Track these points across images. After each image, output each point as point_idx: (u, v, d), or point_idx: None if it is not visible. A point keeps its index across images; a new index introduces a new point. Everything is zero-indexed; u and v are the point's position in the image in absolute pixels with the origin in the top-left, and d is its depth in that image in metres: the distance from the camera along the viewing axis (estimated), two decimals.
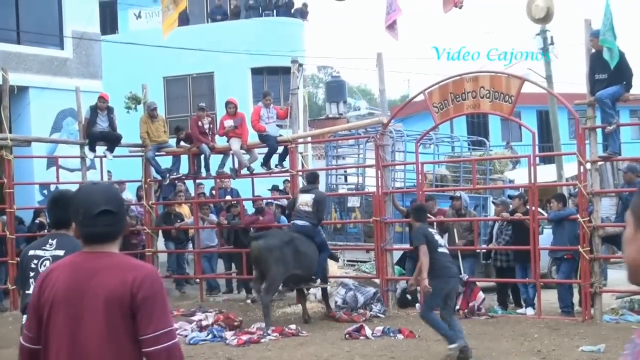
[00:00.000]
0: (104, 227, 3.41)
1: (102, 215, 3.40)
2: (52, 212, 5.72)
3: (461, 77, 13.84)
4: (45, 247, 5.49)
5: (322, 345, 11.25)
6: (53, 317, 3.32)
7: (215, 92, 25.30)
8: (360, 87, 59.13)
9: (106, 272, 3.34)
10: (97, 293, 3.29)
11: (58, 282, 3.36)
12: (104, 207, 3.41)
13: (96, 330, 3.28)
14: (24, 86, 17.94)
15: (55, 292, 3.33)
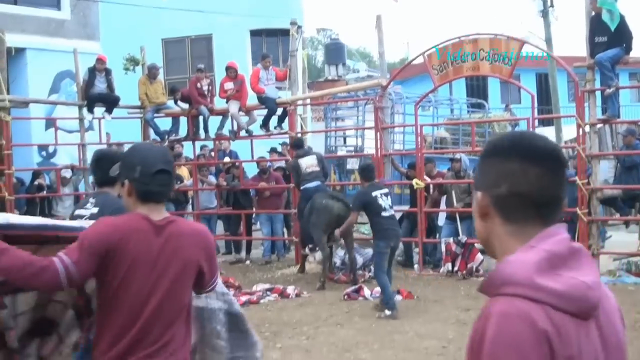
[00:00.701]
0: (159, 187, 3.55)
1: (159, 174, 3.53)
2: (96, 170, 5.68)
3: (460, 39, 13.79)
4: (86, 206, 5.53)
5: (321, 306, 11.33)
6: (131, 275, 3.42)
7: (213, 54, 25.17)
8: (359, 50, 58.88)
9: (184, 237, 3.56)
10: (178, 256, 3.51)
11: (140, 244, 3.45)
12: (161, 166, 3.54)
13: (178, 288, 3.52)
14: (22, 47, 17.86)
15: (137, 253, 3.43)
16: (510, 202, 1.89)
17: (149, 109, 16.82)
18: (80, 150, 16.78)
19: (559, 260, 1.79)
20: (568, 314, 1.74)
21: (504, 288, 1.78)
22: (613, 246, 14.36)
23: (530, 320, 1.71)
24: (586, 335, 1.78)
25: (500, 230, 1.92)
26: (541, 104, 28.64)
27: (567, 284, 1.75)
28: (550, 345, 1.70)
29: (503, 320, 1.74)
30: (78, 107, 16.70)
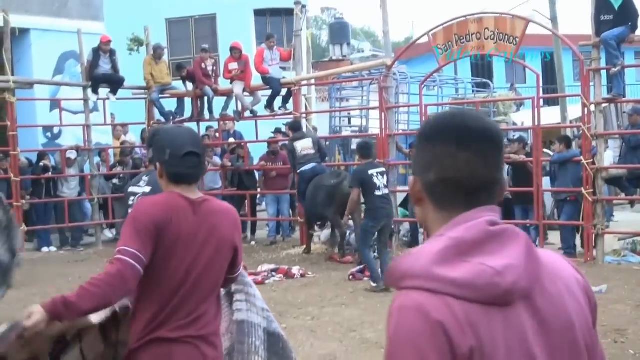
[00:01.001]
0: (189, 169, 3.67)
1: (188, 157, 3.64)
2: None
3: (466, 18, 13.72)
4: (139, 184, 5.78)
5: (326, 286, 11.37)
6: (172, 251, 3.54)
7: (217, 34, 25.08)
8: (364, 29, 58.73)
9: (218, 215, 3.71)
10: (214, 233, 3.65)
11: (182, 221, 3.57)
12: (189, 149, 3.66)
13: (214, 265, 3.67)
14: (26, 28, 17.82)
15: (179, 230, 3.54)
16: (439, 189, 1.82)
17: (154, 90, 16.81)
18: (85, 131, 16.79)
19: (468, 247, 1.70)
20: (475, 302, 1.66)
21: (403, 281, 1.72)
22: (618, 226, 14.35)
23: (424, 312, 1.64)
24: (504, 322, 1.68)
25: (433, 217, 1.86)
26: (546, 83, 28.50)
27: (470, 272, 1.66)
28: (448, 336, 1.62)
29: (399, 315, 1.69)
30: (82, 88, 16.71)
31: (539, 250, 1.82)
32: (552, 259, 1.88)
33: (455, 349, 1.63)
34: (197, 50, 21.51)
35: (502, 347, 1.66)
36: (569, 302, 1.80)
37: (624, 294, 10.17)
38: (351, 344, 8.08)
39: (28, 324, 3.23)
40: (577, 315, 1.80)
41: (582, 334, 1.80)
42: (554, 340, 1.74)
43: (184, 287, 3.56)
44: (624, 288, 10.56)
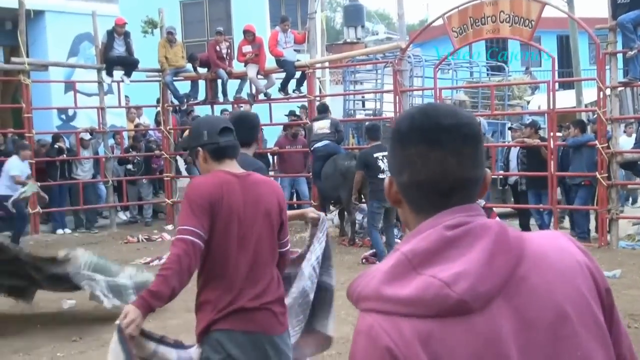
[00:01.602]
0: (227, 142, 3.96)
1: (224, 132, 3.96)
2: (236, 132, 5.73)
3: (481, 1, 13.65)
4: None
5: (338, 269, 11.27)
6: (229, 224, 3.82)
7: (232, 17, 25.03)
8: (378, 12, 58.44)
9: (262, 186, 4.01)
10: (261, 203, 3.93)
11: (232, 194, 3.85)
12: (224, 125, 4.00)
13: (268, 232, 3.97)
14: (40, 10, 17.85)
15: (231, 203, 3.82)
16: (413, 191, 1.74)
17: (168, 72, 16.81)
18: (100, 114, 16.82)
19: (421, 259, 1.62)
20: (427, 317, 1.59)
21: (359, 303, 1.68)
22: (632, 210, 14.29)
23: (372, 338, 1.59)
24: (467, 331, 1.59)
25: (412, 219, 1.78)
26: (562, 66, 28.35)
27: (418, 287, 1.59)
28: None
29: (354, 341, 1.66)
30: (97, 70, 16.73)
31: (530, 237, 1.74)
32: (546, 245, 1.76)
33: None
34: (211, 33, 21.51)
35: (464, 357, 1.59)
36: (562, 292, 1.70)
37: (638, 279, 10.15)
38: None
39: (127, 321, 3.52)
40: (572, 304, 1.70)
41: (583, 321, 1.70)
42: (538, 336, 1.66)
43: (248, 257, 3.87)
44: (638, 273, 10.54)
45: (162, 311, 9.01)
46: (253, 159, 5.75)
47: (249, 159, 5.62)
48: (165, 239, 15.03)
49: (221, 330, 3.84)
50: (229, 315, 3.84)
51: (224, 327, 3.84)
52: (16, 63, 15.67)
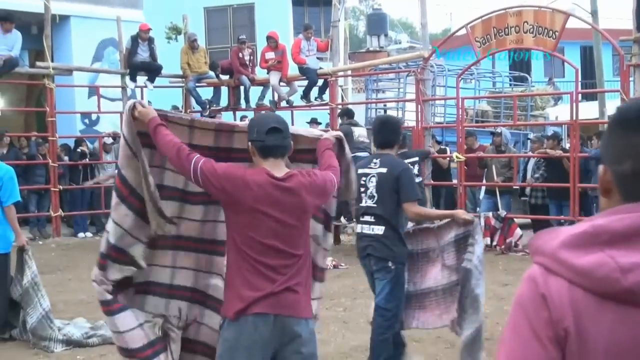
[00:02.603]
0: (274, 141, 4.10)
1: (272, 131, 4.09)
2: (379, 133, 6.62)
3: (505, 11, 13.62)
4: (370, 166, 6.41)
5: (358, 277, 11.32)
6: (255, 220, 4.04)
7: (255, 24, 25.13)
8: (401, 20, 58.48)
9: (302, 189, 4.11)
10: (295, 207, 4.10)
11: (259, 193, 4.02)
12: (273, 124, 4.12)
13: (294, 233, 4.14)
14: (66, 15, 18.00)
15: (255, 201, 4.01)
16: (633, 182, 1.68)
17: (190, 78, 16.88)
18: (122, 118, 16.87)
19: (609, 237, 1.62)
20: (589, 292, 1.62)
21: (535, 256, 1.75)
22: None
23: (535, 283, 1.67)
24: (621, 320, 1.61)
25: None
26: (585, 77, 28.23)
27: (593, 262, 1.61)
28: (548, 309, 1.64)
29: (521, 284, 1.73)
30: (121, 76, 16.83)
31: None
32: None
33: (555, 323, 1.64)
34: (234, 40, 21.58)
35: (605, 343, 1.61)
36: None
37: None
38: None
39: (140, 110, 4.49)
40: None
41: None
42: None
43: (272, 252, 4.06)
44: None
45: None
46: (398, 159, 6.48)
47: (395, 159, 6.45)
48: None
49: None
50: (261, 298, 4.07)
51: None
52: (41, 67, 15.79)
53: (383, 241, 6.18)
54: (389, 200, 6.20)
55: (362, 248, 6.37)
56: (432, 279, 6.31)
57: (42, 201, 16.15)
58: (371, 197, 6.28)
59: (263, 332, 4.04)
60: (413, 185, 6.37)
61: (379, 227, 6.20)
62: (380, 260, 6.19)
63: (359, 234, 6.46)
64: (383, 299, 6.19)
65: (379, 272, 6.22)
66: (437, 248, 6.30)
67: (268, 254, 4.06)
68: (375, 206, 6.25)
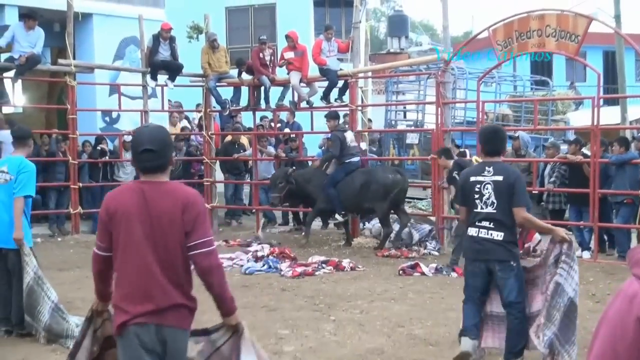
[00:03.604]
0: (145, 162, 4.32)
1: (145, 153, 4.28)
2: (490, 142, 6.92)
3: (528, 14, 13.55)
4: (483, 174, 6.74)
5: (375, 280, 11.36)
6: (126, 231, 4.25)
7: (276, 24, 25.18)
8: (422, 22, 58.43)
9: (162, 196, 4.28)
10: (156, 213, 4.24)
11: (130, 205, 4.27)
12: (146, 146, 4.28)
13: (160, 241, 4.25)
14: (88, 13, 18.06)
15: (127, 212, 4.25)
16: None
17: (211, 78, 16.92)
18: (143, 117, 16.96)
19: None
20: None
21: (634, 268, 1.71)
22: None
23: (631, 304, 1.63)
24: None
25: None
26: (607, 82, 28.06)
27: None
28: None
29: (617, 296, 1.69)
30: (141, 74, 16.88)
31: None
32: None
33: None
34: (255, 40, 21.63)
35: None
36: None
37: None
38: (399, 339, 8.07)
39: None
40: None
41: None
42: None
43: (141, 262, 4.24)
44: None
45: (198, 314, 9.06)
46: (509, 166, 6.96)
47: (508, 167, 6.97)
48: None
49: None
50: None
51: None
52: (63, 65, 15.87)
53: (504, 245, 6.72)
54: (508, 207, 6.67)
55: (478, 251, 6.83)
56: (541, 303, 6.77)
57: (61, 198, 16.21)
58: (491, 204, 6.71)
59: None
60: (525, 192, 6.84)
61: (499, 233, 6.71)
62: (503, 262, 6.73)
63: (475, 237, 6.83)
64: (514, 295, 6.70)
65: (503, 271, 6.72)
66: (542, 275, 6.86)
67: (139, 267, 4.33)
68: (495, 212, 6.70)
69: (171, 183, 4.44)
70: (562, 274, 6.53)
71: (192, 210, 4.25)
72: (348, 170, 14.51)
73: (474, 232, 6.82)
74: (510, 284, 6.69)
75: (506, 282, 6.71)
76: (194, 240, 4.23)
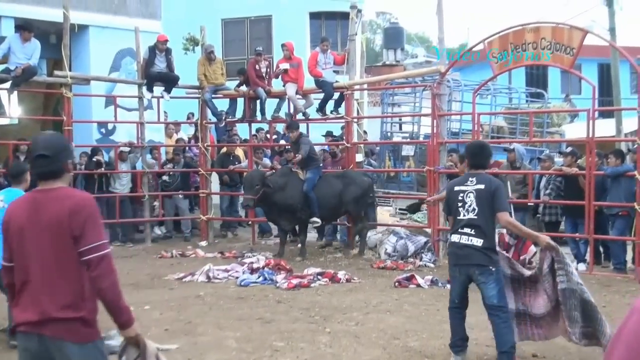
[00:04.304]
0: (39, 168, 4.33)
1: (39, 159, 4.30)
2: (477, 156, 7.47)
3: (523, 27, 13.59)
4: (466, 183, 7.29)
5: (371, 292, 11.35)
6: (18, 242, 4.27)
7: (273, 36, 25.23)
8: (418, 34, 58.48)
9: (51, 202, 4.24)
10: (45, 220, 4.20)
11: (22, 214, 4.29)
12: (40, 152, 4.31)
13: (50, 249, 4.19)
14: (84, 25, 18.07)
15: (20, 223, 4.26)
16: None
17: (207, 89, 16.94)
18: (139, 129, 16.96)
19: None
20: None
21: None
22: None
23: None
24: None
25: None
26: (602, 95, 28.13)
27: None
28: None
29: (632, 314, 1.67)
30: (137, 86, 16.89)
31: None
32: None
33: None
34: (251, 51, 21.67)
35: None
36: None
37: None
38: (394, 352, 8.06)
39: None
40: None
41: None
42: None
43: (31, 267, 4.23)
44: None
45: (193, 326, 9.05)
46: (491, 177, 7.42)
47: (489, 177, 7.38)
48: (199, 256, 15.08)
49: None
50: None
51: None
52: (59, 76, 15.87)
53: (484, 251, 7.12)
54: (489, 213, 7.15)
55: (459, 256, 7.29)
56: (543, 307, 7.38)
57: None
58: (472, 210, 7.19)
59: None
60: (505, 199, 7.44)
61: (479, 240, 7.13)
62: (482, 267, 7.12)
63: (457, 244, 7.28)
64: (496, 299, 7.10)
65: (482, 276, 7.12)
66: (542, 282, 7.38)
67: (30, 272, 4.32)
68: (477, 217, 7.16)
69: (64, 189, 4.33)
70: (562, 279, 7.05)
71: (80, 214, 4.15)
72: (321, 173, 14.92)
73: (456, 238, 7.26)
74: (491, 289, 7.08)
75: (486, 287, 7.10)
76: (84, 245, 4.12)
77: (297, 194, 14.45)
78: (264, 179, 14.32)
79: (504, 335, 7.09)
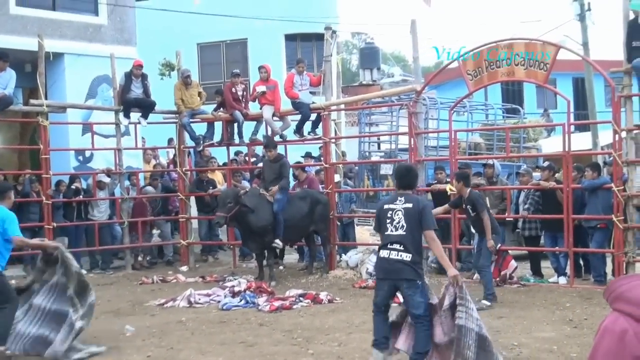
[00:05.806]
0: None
1: None
2: (404, 178, 7.98)
3: (496, 44, 13.70)
4: (396, 202, 7.74)
5: (353, 312, 11.33)
6: None
7: (248, 59, 25.28)
8: (394, 54, 58.81)
9: None
10: None
11: None
12: None
13: None
14: (60, 52, 18.03)
15: None
16: None
17: (184, 114, 16.92)
18: (117, 155, 16.91)
19: None
20: None
21: (615, 303, 1.68)
22: None
23: (622, 342, 1.59)
24: None
25: None
26: (577, 108, 28.39)
27: None
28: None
29: (603, 336, 1.65)
30: (114, 112, 16.85)
31: None
32: None
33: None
34: (227, 75, 21.70)
35: None
36: None
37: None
38: None
39: None
40: None
41: None
42: None
43: None
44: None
45: (176, 352, 8.98)
46: (417, 196, 8.15)
47: (416, 197, 8.01)
48: (180, 281, 15.01)
49: None
50: None
51: None
52: (35, 105, 15.80)
53: (411, 266, 7.50)
54: (416, 230, 7.59)
55: (388, 271, 7.65)
56: (437, 337, 7.53)
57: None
58: (401, 227, 7.59)
59: None
60: (432, 217, 7.78)
61: (407, 255, 7.50)
62: (410, 280, 7.51)
63: (386, 259, 7.64)
64: (422, 310, 7.49)
65: (409, 289, 7.51)
66: (437, 314, 7.53)
67: None
68: (405, 234, 7.56)
69: None
70: (461, 315, 7.18)
71: None
72: (289, 195, 15.05)
73: (385, 254, 7.66)
74: (417, 300, 7.49)
75: (413, 299, 7.50)
76: None
77: (268, 216, 14.39)
78: (238, 197, 14.15)
79: (423, 339, 7.51)
